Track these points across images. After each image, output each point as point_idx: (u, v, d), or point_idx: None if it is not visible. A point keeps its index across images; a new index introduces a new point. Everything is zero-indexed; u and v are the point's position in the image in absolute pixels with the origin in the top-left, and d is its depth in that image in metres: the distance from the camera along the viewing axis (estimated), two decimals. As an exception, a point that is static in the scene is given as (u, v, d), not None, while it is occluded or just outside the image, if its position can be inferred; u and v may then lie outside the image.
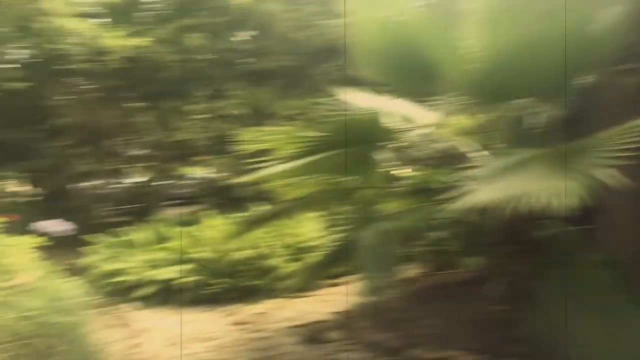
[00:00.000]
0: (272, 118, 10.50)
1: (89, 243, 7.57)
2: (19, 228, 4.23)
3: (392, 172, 4.60)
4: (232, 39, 12.14)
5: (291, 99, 11.15)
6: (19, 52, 11.63)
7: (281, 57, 11.69)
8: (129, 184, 14.84)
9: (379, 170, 4.34)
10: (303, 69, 11.93)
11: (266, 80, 11.71)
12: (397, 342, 4.61)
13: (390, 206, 4.45)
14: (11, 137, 12.11)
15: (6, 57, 10.62)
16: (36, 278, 4.24)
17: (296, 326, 5.26)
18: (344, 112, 4.46)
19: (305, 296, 6.19)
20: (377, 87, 4.89)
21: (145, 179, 14.86)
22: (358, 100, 4.83)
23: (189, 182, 16.68)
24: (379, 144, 4.37)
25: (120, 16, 11.12)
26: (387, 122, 4.37)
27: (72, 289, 4.38)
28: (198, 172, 18.09)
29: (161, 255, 7.01)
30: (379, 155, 4.38)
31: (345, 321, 5.26)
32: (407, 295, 5.13)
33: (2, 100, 11.64)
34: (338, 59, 11.88)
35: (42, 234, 5.03)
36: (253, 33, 12.55)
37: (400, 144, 4.52)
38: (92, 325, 4.17)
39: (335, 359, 4.42)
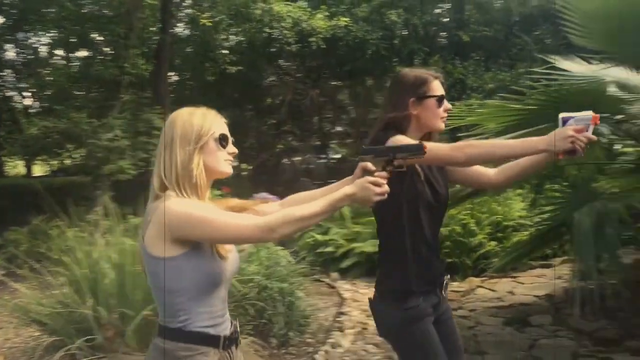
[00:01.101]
0: (475, 92, 10.17)
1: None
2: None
3: (613, 148, 4.16)
4: (430, 12, 11.96)
5: (495, 71, 10.68)
6: (233, 38, 12.70)
7: (481, 27, 11.26)
8: (330, 160, 15.51)
9: (598, 145, 3.93)
10: (506, 39, 11.37)
11: (467, 52, 11.36)
12: (611, 332, 4.24)
13: (609, 185, 4.03)
14: (225, 117, 13.38)
15: (223, 43, 11.62)
16: (253, 245, 4.62)
17: (499, 307, 5.09)
18: (555, 82, 4.11)
19: (509, 277, 5.95)
20: (589, 54, 4.41)
21: (343, 154, 15.42)
22: (573, 68, 4.41)
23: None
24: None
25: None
26: (608, 91, 3.93)
27: (284, 257, 4.72)
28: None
29: (360, 229, 7.23)
30: (597, 129, 3.95)
31: (553, 306, 4.95)
32: (624, 282, 4.65)
33: (218, 83, 12.85)
34: (545, 26, 11.11)
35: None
36: (450, 6, 12.25)
37: (621, 117, 4.05)
38: (303, 292, 4.46)
39: (541, 345, 4.19)
